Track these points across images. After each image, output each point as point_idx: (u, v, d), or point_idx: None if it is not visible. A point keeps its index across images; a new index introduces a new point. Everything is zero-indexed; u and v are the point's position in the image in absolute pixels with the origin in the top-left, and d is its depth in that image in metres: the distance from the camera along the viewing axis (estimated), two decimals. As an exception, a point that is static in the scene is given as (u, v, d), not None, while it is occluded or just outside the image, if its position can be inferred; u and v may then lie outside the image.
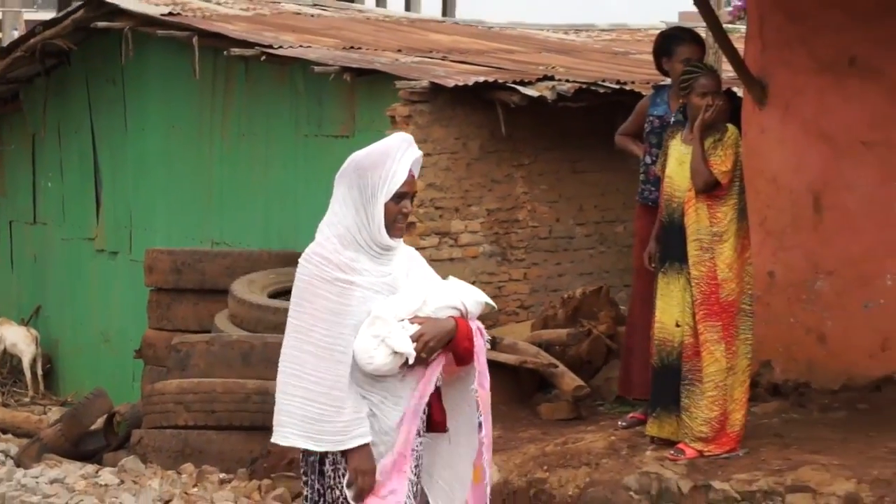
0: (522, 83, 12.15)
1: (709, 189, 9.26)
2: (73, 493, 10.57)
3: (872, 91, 10.90)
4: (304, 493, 5.75)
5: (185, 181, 14.19)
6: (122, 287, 13.86)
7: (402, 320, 5.43)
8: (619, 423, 10.45)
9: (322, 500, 5.59)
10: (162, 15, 14.19)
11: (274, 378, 11.52)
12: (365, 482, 5.34)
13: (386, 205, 5.40)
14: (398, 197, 5.43)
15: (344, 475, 5.42)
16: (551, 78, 12.50)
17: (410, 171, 5.46)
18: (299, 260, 5.50)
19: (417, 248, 11.76)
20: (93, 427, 12.44)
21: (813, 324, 11.25)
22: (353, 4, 29.32)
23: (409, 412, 5.50)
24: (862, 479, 8.57)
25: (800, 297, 11.24)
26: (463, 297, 5.62)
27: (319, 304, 5.39)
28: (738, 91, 11.46)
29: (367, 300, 5.43)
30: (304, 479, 5.72)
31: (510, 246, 12.41)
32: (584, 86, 12.45)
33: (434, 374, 5.51)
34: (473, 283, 11.94)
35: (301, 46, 13.41)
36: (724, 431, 9.31)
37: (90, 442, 12.34)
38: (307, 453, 5.50)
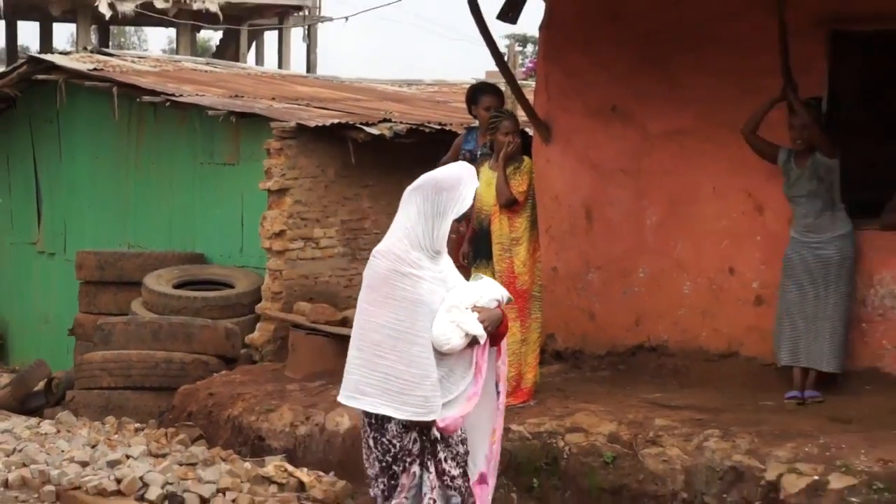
0: (367, 124, 12.05)
1: (509, 205, 9.39)
2: (19, 441, 10.16)
3: (629, 131, 10.86)
4: (371, 460, 5.77)
5: (107, 198, 13.99)
6: (58, 280, 13.80)
7: (468, 309, 5.60)
8: None
9: (387, 453, 5.69)
10: (89, 70, 14.12)
11: (177, 350, 11.49)
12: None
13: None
14: (461, 217, 5.66)
15: (407, 434, 5.63)
16: (389, 120, 12.50)
17: None
18: (374, 254, 5.70)
19: (287, 250, 12.15)
20: (35, 389, 12.19)
21: (585, 306, 11.20)
22: (237, 63, 29.05)
23: (477, 385, 5.71)
24: (621, 421, 8.75)
25: (576, 286, 11.23)
26: (501, 292, 5.85)
27: (398, 294, 5.53)
28: (530, 131, 11.42)
29: (433, 292, 5.57)
30: (372, 436, 5.73)
31: (358, 248, 12.31)
32: (414, 126, 12.49)
33: (486, 352, 5.70)
34: (330, 276, 11.99)
35: (197, 95, 13.30)
36: (520, 387, 9.42)
37: (33, 400, 12.08)
38: (380, 417, 5.58)
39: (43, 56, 15.49)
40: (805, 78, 9.69)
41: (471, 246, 9.75)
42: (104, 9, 32.41)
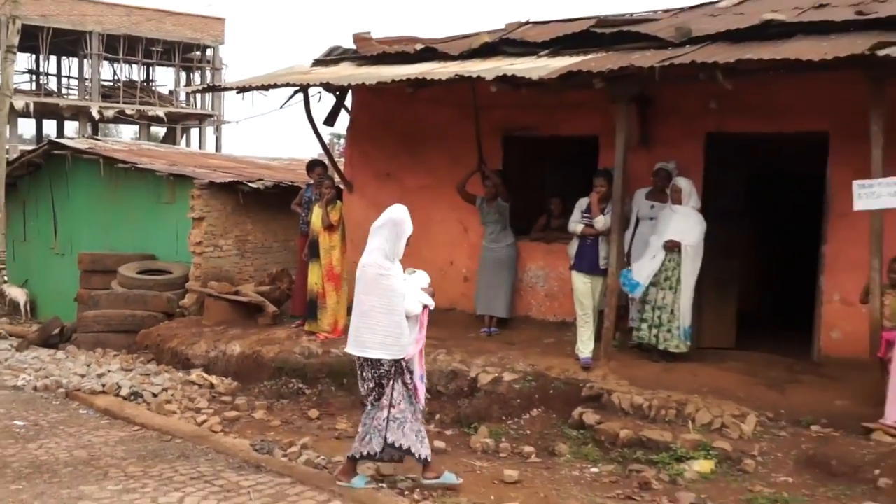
0: (249, 181, 12.26)
1: (328, 227, 9.65)
2: (43, 363, 10.37)
3: (396, 186, 10.94)
4: (367, 383, 5.73)
5: (96, 222, 13.53)
6: (67, 270, 13.13)
7: (422, 290, 5.87)
8: (292, 325, 10.25)
9: (381, 377, 5.70)
10: (86, 148, 13.72)
11: (138, 309, 11.28)
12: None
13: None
14: (406, 239, 5.83)
15: (390, 365, 5.66)
16: (262, 179, 12.63)
17: None
18: (363, 265, 5.75)
19: (203, 252, 11.75)
20: (53, 333, 12.02)
21: None
22: (174, 146, 29.20)
23: (422, 334, 5.86)
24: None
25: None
26: (427, 279, 5.99)
27: (382, 286, 5.64)
28: (342, 185, 11.39)
29: (399, 283, 5.69)
30: (369, 373, 5.71)
31: (244, 252, 12.48)
32: (276, 183, 12.64)
33: (426, 314, 5.89)
34: (228, 267, 12.33)
35: (150, 163, 13.00)
36: (337, 328, 9.62)
37: (52, 340, 11.90)
38: (377, 358, 5.62)
39: (58, 140, 15.10)
40: (492, 159, 10.15)
41: (309, 249, 9.90)
42: (95, 114, 32.38)
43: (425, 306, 5.87)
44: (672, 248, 8.13)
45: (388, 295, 5.68)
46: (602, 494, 5.87)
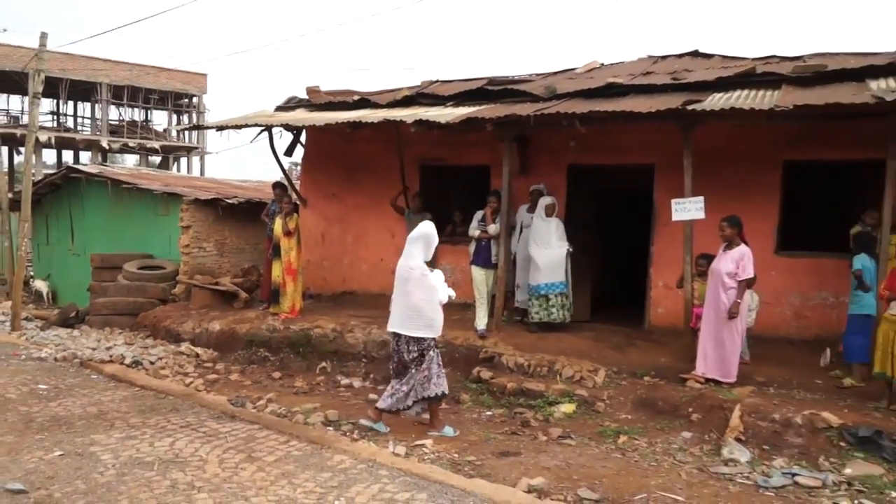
0: (227, 198, 11.78)
1: (287, 234, 9.34)
2: (62, 339, 9.77)
3: (339, 204, 10.83)
4: (411, 354, 5.59)
5: (106, 230, 12.88)
6: (82, 267, 12.44)
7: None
8: (260, 308, 9.86)
9: (421, 354, 5.62)
10: (97, 172, 13.02)
11: (139, 297, 10.85)
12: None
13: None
14: (434, 248, 5.68)
15: (426, 342, 5.58)
16: (236, 196, 12.19)
17: None
18: (410, 267, 5.56)
19: (190, 253, 11.19)
20: (70, 315, 11.43)
21: (322, 275, 10.89)
22: (168, 171, 28.25)
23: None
24: (337, 322, 8.63)
25: (319, 267, 10.92)
26: (443, 276, 5.87)
27: (424, 283, 5.53)
28: (298, 202, 10.93)
29: (435, 280, 5.61)
30: (415, 347, 5.59)
31: (224, 252, 11.96)
32: (248, 199, 11.91)
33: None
34: (210, 265, 11.68)
35: (149, 183, 12.35)
36: (295, 309, 9.30)
37: (69, 321, 11.31)
38: (416, 336, 5.54)
39: (74, 166, 14.57)
40: (412, 183, 10.05)
41: (272, 250, 9.58)
42: (105, 146, 31.12)
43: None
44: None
45: (430, 291, 5.58)
46: (494, 431, 5.92)
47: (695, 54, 10.28)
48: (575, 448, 5.45)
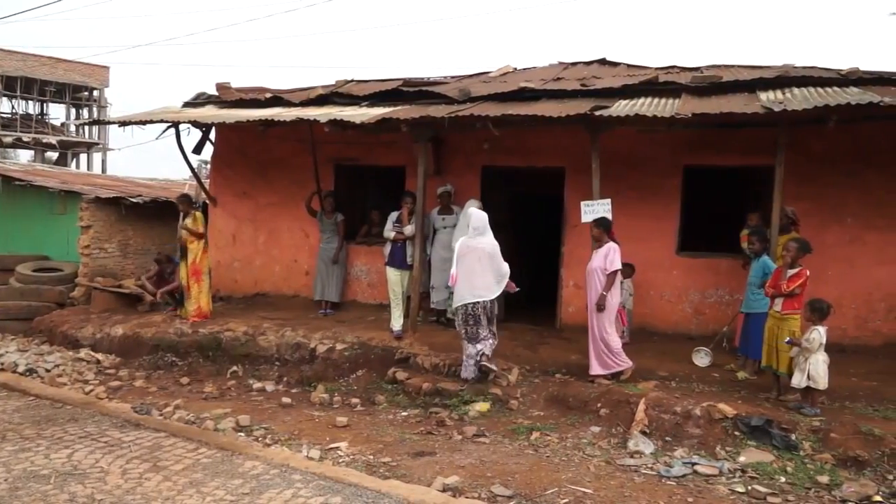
0: (130, 197, 11.32)
1: (193, 235, 9.12)
2: None
3: (251, 202, 10.51)
4: (483, 317, 6.45)
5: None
6: None
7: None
8: (166, 311, 9.53)
9: (491, 313, 6.51)
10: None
11: (34, 301, 10.65)
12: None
13: None
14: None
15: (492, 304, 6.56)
16: (141, 195, 11.41)
17: None
18: (485, 246, 6.46)
19: (90, 254, 10.72)
20: None
21: (233, 276, 10.68)
22: (66, 168, 26.92)
23: None
24: (248, 325, 8.52)
25: (229, 268, 10.69)
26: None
27: (499, 260, 6.51)
28: (207, 200, 10.82)
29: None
30: (480, 310, 6.42)
31: (127, 253, 11.24)
32: (153, 198, 11.45)
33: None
34: (111, 266, 11.00)
35: (44, 180, 11.61)
36: (204, 312, 9.08)
37: None
38: (490, 300, 6.48)
39: None
40: (326, 183, 9.88)
41: (182, 251, 9.29)
42: (-8, 139, 29.56)
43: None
44: None
45: (499, 263, 6.49)
46: (410, 431, 5.93)
47: (602, 62, 10.73)
48: (489, 446, 5.51)
